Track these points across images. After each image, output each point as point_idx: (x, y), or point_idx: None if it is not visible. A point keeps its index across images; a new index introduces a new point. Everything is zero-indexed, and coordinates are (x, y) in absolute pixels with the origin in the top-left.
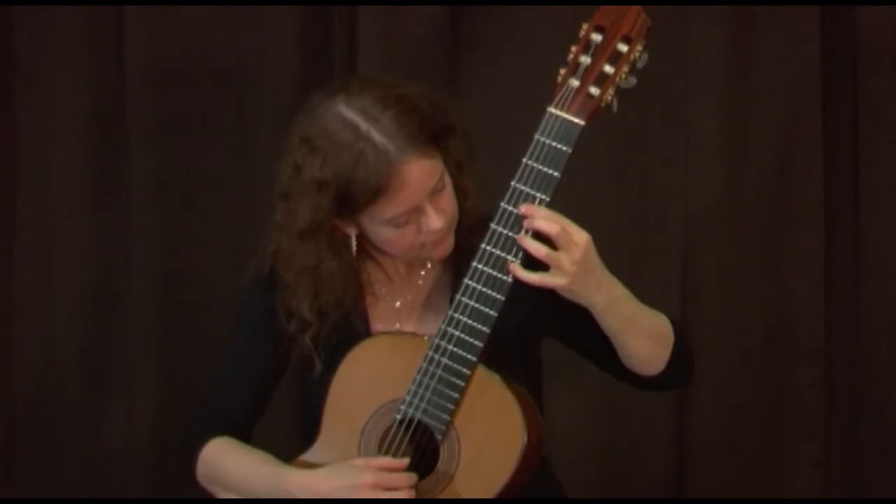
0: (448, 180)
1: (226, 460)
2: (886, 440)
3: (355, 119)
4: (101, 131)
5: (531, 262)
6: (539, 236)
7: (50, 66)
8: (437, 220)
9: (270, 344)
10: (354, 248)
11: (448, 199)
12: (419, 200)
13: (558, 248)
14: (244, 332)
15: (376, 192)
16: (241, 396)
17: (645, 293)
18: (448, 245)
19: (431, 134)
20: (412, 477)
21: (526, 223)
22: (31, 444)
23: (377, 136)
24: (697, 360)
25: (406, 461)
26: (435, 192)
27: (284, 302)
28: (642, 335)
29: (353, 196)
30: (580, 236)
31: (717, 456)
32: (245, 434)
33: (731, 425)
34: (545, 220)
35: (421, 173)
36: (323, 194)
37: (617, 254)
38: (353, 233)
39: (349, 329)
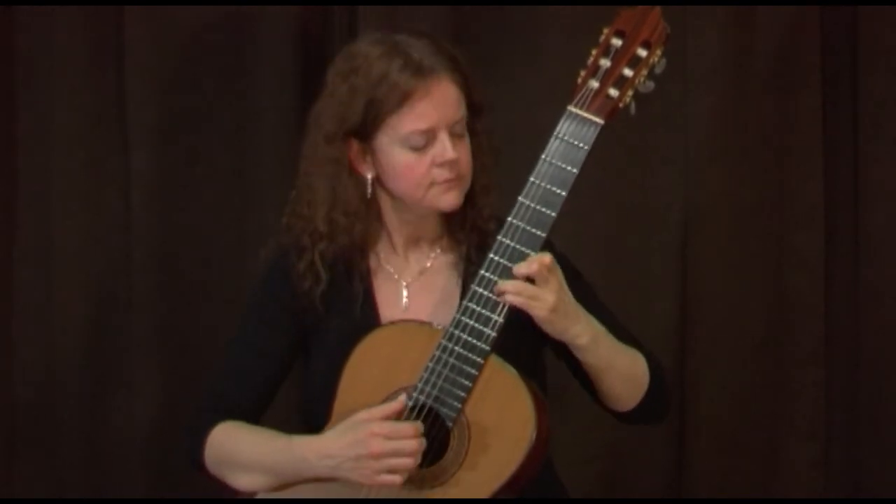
0: (466, 135)
1: (236, 439)
2: (886, 440)
3: (393, 39)
4: (101, 131)
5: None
6: None
7: (50, 66)
8: (451, 151)
9: (281, 331)
10: (370, 190)
11: (464, 150)
12: (439, 122)
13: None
14: (254, 320)
15: (402, 97)
16: (249, 386)
17: (645, 293)
18: (457, 196)
19: (462, 78)
20: (417, 425)
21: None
22: (31, 444)
23: (413, 52)
24: (697, 360)
25: (404, 399)
26: (454, 135)
27: (298, 243)
28: (619, 377)
29: (381, 101)
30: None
31: (717, 456)
32: (252, 423)
33: (731, 425)
34: (515, 284)
35: (447, 93)
36: (354, 99)
37: (617, 254)
38: (369, 175)
39: (350, 278)
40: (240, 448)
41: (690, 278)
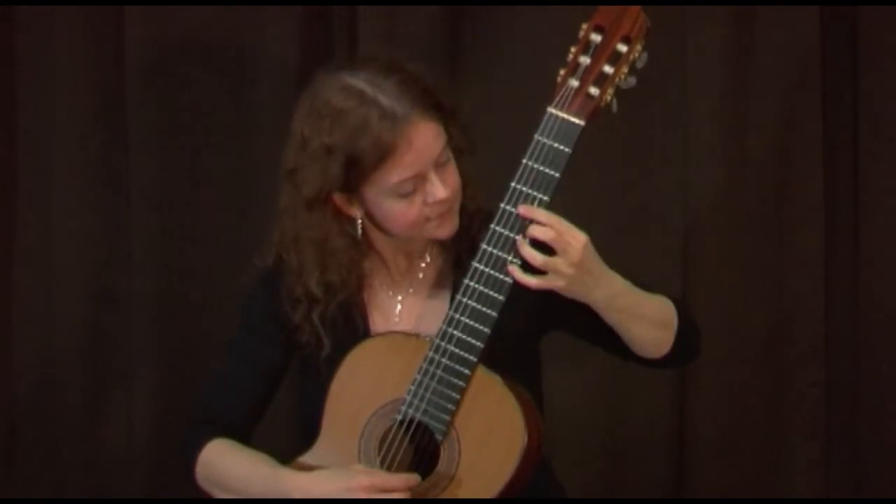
0: (451, 156)
1: (224, 462)
2: (886, 440)
3: (360, 85)
4: (101, 131)
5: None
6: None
7: (50, 66)
8: (443, 189)
9: (272, 343)
10: (360, 231)
11: (452, 174)
12: (425, 166)
13: (556, 253)
14: (245, 332)
15: (384, 153)
16: (241, 398)
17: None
18: (453, 224)
19: (434, 104)
20: (410, 478)
21: (527, 232)
22: (31, 444)
23: (383, 99)
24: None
25: (413, 478)
26: (439, 165)
27: (289, 289)
28: (644, 323)
29: (361, 159)
30: (577, 238)
31: (717, 456)
32: (245, 436)
33: (731, 425)
34: (540, 229)
35: (427, 135)
36: (332, 159)
37: (617, 254)
38: (358, 215)
39: (349, 320)
40: (227, 471)
41: (690, 278)
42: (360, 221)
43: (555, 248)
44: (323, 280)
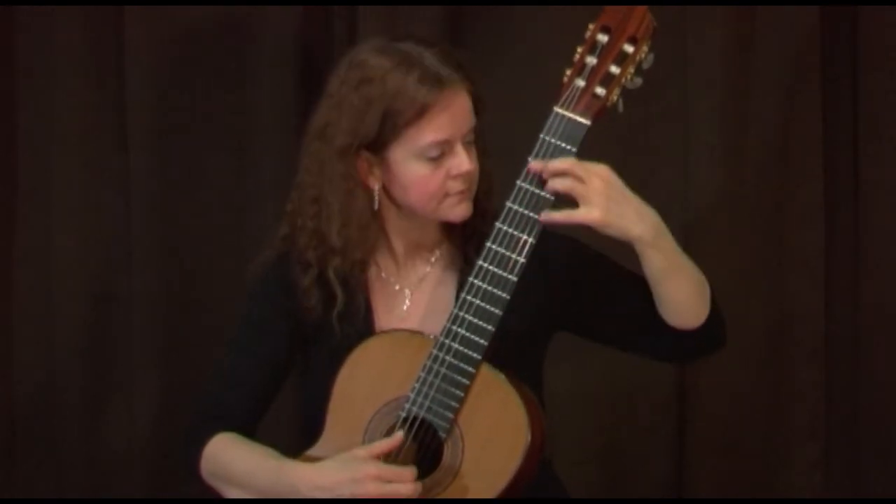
0: (474, 140)
1: (229, 456)
2: (886, 440)
3: (405, 48)
4: (101, 131)
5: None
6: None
7: (50, 66)
8: (467, 162)
9: (276, 337)
10: (377, 202)
11: (474, 159)
12: (456, 133)
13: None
14: (249, 327)
15: (422, 110)
16: (245, 393)
17: None
18: (468, 206)
19: (471, 85)
20: (414, 469)
21: (543, 171)
22: (31, 444)
23: (426, 62)
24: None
25: (401, 435)
26: (467, 143)
27: (301, 254)
28: (684, 280)
29: (399, 113)
30: (598, 167)
31: (717, 456)
32: (249, 431)
33: (731, 425)
34: (556, 180)
35: (464, 103)
36: (370, 111)
37: (616, 254)
38: (376, 186)
39: (355, 298)
40: (233, 465)
41: None
42: (377, 192)
43: (576, 178)
44: (345, 232)
